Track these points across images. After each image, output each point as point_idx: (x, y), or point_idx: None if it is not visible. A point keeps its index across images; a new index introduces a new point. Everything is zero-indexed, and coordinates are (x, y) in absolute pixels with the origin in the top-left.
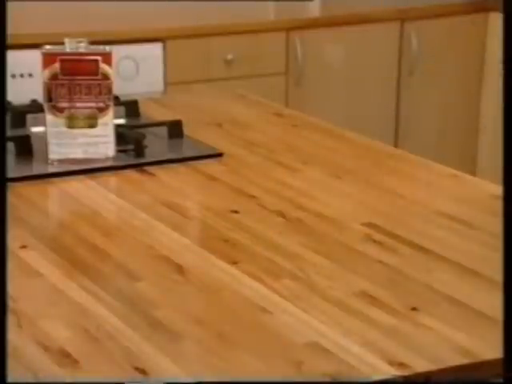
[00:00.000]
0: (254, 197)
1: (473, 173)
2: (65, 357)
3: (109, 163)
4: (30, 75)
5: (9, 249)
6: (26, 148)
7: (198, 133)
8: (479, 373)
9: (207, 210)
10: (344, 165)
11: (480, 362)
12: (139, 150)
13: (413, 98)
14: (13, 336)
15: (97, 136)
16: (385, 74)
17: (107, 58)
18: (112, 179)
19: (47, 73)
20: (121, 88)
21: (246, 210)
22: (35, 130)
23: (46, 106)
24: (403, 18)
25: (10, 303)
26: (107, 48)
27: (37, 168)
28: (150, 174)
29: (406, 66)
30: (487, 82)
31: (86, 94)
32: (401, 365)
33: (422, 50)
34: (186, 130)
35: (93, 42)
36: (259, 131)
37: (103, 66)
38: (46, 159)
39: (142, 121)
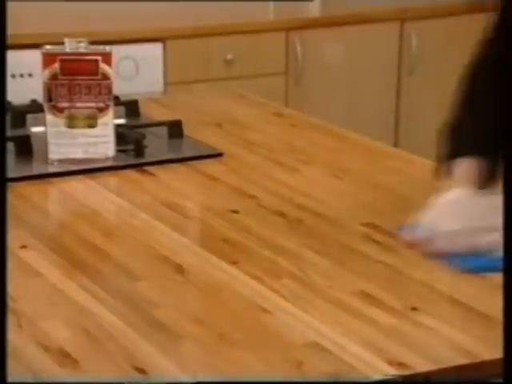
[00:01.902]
0: (254, 197)
1: None
2: (65, 357)
3: (109, 163)
4: (30, 75)
5: (9, 249)
6: (26, 148)
7: (198, 133)
8: (479, 373)
9: (207, 210)
10: (344, 165)
11: (480, 362)
12: (139, 150)
13: (413, 98)
14: (13, 336)
15: (97, 136)
16: (385, 74)
17: (107, 58)
18: (112, 179)
19: (47, 73)
20: (121, 88)
21: (246, 210)
22: (35, 129)
23: (46, 106)
24: (403, 17)
25: (10, 303)
26: (107, 48)
27: (37, 168)
28: (150, 173)
29: (405, 65)
30: None
31: (85, 94)
32: (400, 365)
33: (421, 50)
34: (186, 130)
35: (93, 42)
36: (259, 131)
37: (103, 66)
38: (46, 159)
39: (142, 121)
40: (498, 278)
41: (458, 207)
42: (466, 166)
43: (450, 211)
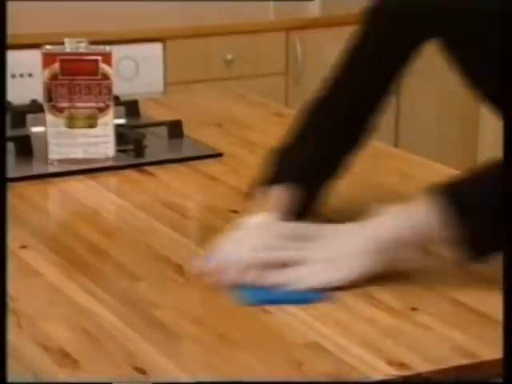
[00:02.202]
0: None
1: None
2: (65, 357)
3: (109, 163)
4: (30, 75)
5: (9, 249)
6: (26, 148)
7: (198, 133)
8: (479, 373)
9: (207, 210)
10: None
11: (480, 362)
12: (139, 150)
13: (413, 98)
14: (13, 336)
15: (97, 136)
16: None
17: (107, 58)
18: (112, 179)
19: (47, 73)
20: (121, 88)
21: (246, 210)
22: (35, 129)
23: (45, 106)
24: None
25: (10, 303)
26: (107, 48)
27: (37, 168)
28: (150, 174)
29: None
30: None
31: (85, 94)
32: (401, 365)
33: (421, 50)
34: (186, 130)
35: (93, 42)
36: (259, 131)
37: (103, 66)
38: (45, 159)
39: (142, 121)
40: (497, 278)
41: (256, 236)
42: (279, 194)
43: (246, 240)
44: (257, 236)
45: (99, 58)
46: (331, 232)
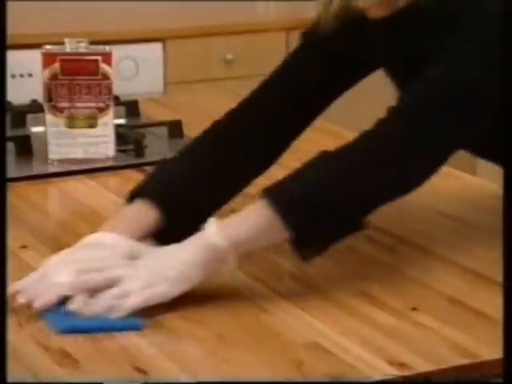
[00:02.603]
0: (254, 196)
1: (473, 173)
2: (65, 357)
3: (109, 163)
4: (30, 75)
5: (9, 249)
6: (26, 148)
7: (198, 133)
8: (479, 373)
9: None
10: None
11: (480, 362)
12: (139, 150)
13: None
14: (13, 336)
15: (97, 136)
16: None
17: (107, 58)
18: (112, 179)
19: (47, 73)
20: (121, 88)
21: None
22: (35, 129)
23: (45, 106)
24: None
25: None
26: (107, 48)
27: (37, 168)
28: None
29: None
30: None
31: (85, 94)
32: (401, 365)
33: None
34: (186, 130)
35: (93, 42)
36: None
37: (103, 66)
38: (46, 159)
39: (142, 121)
40: (497, 278)
41: (80, 258)
42: (134, 210)
43: (69, 261)
44: (81, 258)
45: (99, 58)
46: (164, 248)
